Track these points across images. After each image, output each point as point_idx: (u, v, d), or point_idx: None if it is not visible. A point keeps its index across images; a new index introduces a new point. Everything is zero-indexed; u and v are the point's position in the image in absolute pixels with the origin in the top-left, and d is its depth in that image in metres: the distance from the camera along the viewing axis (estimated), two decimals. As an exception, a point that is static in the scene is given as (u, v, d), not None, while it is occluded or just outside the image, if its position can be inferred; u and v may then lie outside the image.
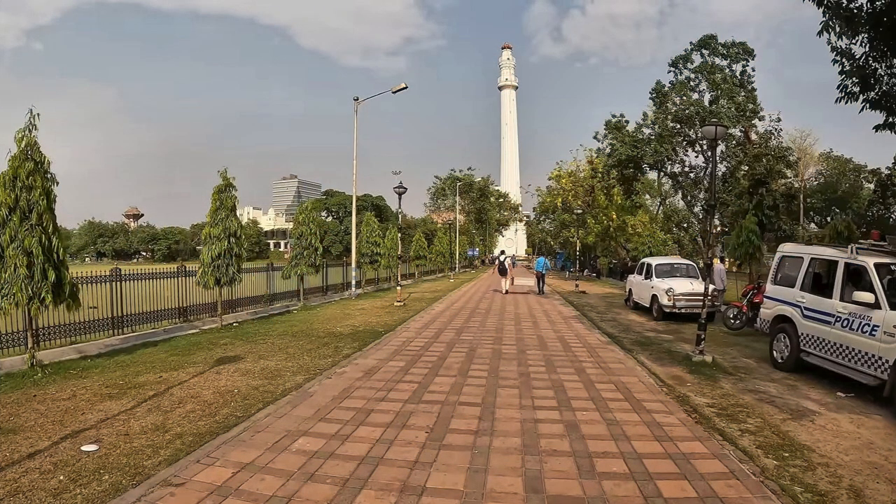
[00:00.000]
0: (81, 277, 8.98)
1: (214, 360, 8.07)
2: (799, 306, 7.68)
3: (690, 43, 23.03)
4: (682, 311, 13.03)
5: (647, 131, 24.19)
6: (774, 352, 8.09)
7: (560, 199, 42.75)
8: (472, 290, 24.23)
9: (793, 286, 7.96)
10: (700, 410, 5.69)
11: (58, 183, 7.28)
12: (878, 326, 6.05)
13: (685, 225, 30.71)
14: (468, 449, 4.53)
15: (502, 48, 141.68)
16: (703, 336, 8.49)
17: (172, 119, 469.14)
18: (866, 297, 6.24)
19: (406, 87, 20.32)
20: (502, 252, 28.99)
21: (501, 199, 74.22)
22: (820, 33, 6.79)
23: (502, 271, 22.58)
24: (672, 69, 23.30)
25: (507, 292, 21.79)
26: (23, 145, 6.97)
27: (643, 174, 27.61)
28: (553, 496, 3.69)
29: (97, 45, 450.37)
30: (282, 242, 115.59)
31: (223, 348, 9.06)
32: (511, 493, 3.72)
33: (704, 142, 20.56)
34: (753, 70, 22.34)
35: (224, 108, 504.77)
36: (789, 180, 32.19)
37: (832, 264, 7.28)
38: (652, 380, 7.15)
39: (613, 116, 26.35)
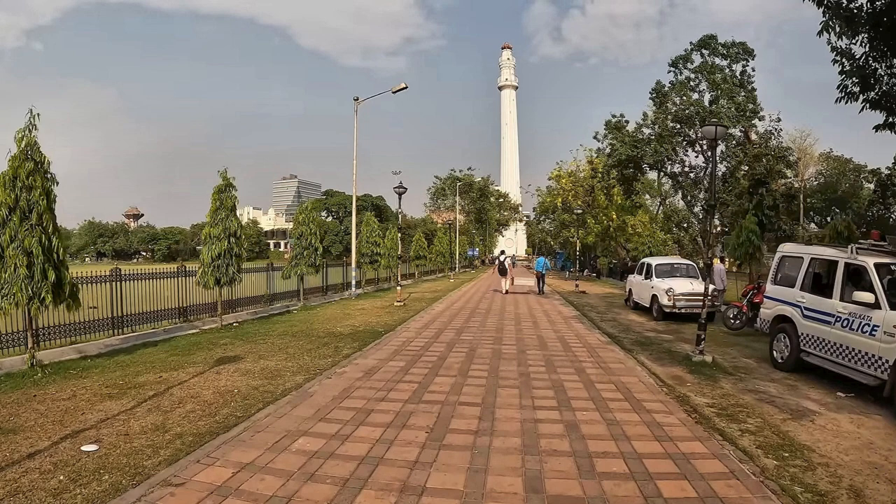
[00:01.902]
0: (81, 277, 8.97)
1: (214, 360, 8.07)
2: (799, 306, 7.68)
3: (690, 43, 22.99)
4: (682, 311, 13.03)
5: (647, 131, 24.14)
6: (774, 352, 8.09)
7: (560, 199, 42.75)
8: (472, 291, 24.23)
9: (793, 286, 7.96)
10: (700, 410, 5.69)
11: (58, 183, 7.29)
12: (878, 326, 6.05)
13: (685, 225, 30.65)
14: (468, 449, 4.53)
15: (502, 48, 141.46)
16: (703, 336, 8.49)
17: (172, 119, 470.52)
18: (866, 297, 6.24)
19: (406, 87, 20.33)
20: (502, 252, 28.99)
21: (501, 199, 74.23)
22: (820, 33, 6.78)
23: (502, 271, 22.58)
24: (672, 69, 23.26)
25: (507, 292, 21.79)
26: (23, 145, 6.97)
27: (643, 174, 27.55)
28: (553, 496, 3.69)
29: (97, 45, 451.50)
30: (282, 242, 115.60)
31: (223, 348, 9.06)
32: (511, 493, 3.72)
33: (704, 142, 20.52)
34: (753, 70, 22.30)
35: (224, 108, 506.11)
36: (789, 180, 32.15)
37: (832, 264, 7.28)
38: (652, 380, 7.15)
39: (613, 116, 26.32)
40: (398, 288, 18.41)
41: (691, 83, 22.87)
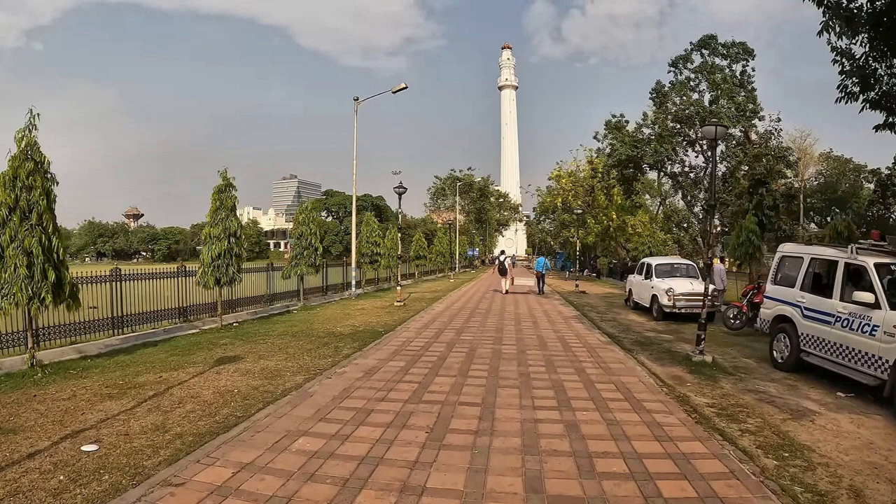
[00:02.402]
0: (81, 277, 8.97)
1: (214, 360, 8.07)
2: (799, 306, 7.68)
3: (690, 43, 22.98)
4: (682, 311, 13.03)
5: (647, 131, 24.13)
6: (774, 352, 8.09)
7: (560, 199, 42.76)
8: (472, 291, 24.23)
9: (793, 286, 7.96)
10: (700, 410, 5.69)
11: (58, 183, 7.29)
12: (878, 326, 6.05)
13: (685, 225, 30.64)
14: (468, 449, 4.53)
15: (502, 48, 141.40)
16: (703, 336, 8.49)
17: (172, 119, 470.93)
18: (866, 297, 6.24)
19: (406, 87, 20.32)
20: (502, 252, 28.99)
21: (501, 199, 74.22)
22: (820, 33, 6.78)
23: (502, 271, 22.59)
24: (672, 69, 23.25)
25: (507, 292, 21.79)
26: (23, 145, 6.97)
27: (643, 174, 27.55)
28: (553, 496, 3.69)
29: (97, 45, 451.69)
30: (282, 242, 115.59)
31: (223, 348, 9.05)
32: (511, 493, 3.72)
33: (704, 142, 20.52)
34: (753, 70, 22.29)
35: (224, 108, 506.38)
36: (789, 180, 32.14)
37: (832, 264, 7.28)
38: (652, 380, 7.15)
39: (613, 116, 26.31)
40: (398, 288, 18.41)
41: (691, 83, 22.86)
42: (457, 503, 3.59)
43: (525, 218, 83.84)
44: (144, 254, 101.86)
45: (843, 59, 7.13)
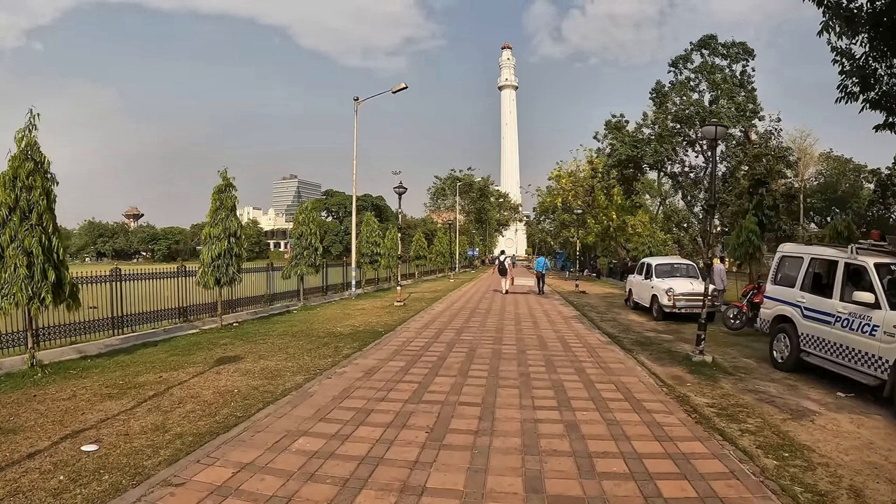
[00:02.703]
0: (81, 277, 8.97)
1: (214, 360, 8.07)
2: (799, 306, 7.68)
3: (690, 43, 22.98)
4: (682, 311, 13.03)
5: (647, 131, 24.13)
6: (774, 352, 8.09)
7: (560, 199, 42.77)
8: (472, 291, 24.23)
9: (793, 286, 7.96)
10: (700, 410, 5.69)
11: (58, 183, 7.29)
12: (878, 326, 6.05)
13: (685, 225, 30.65)
14: (468, 449, 4.53)
15: (502, 48, 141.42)
16: (703, 336, 8.49)
17: (172, 119, 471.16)
18: (866, 297, 6.24)
19: (406, 87, 20.33)
20: (502, 252, 28.99)
21: (501, 199, 74.23)
22: (820, 33, 6.78)
23: (502, 271, 22.59)
24: (672, 69, 23.25)
25: (507, 292, 21.79)
26: (23, 145, 6.97)
27: (643, 174, 27.55)
28: (553, 496, 3.69)
29: (97, 45, 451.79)
30: (282, 242, 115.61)
31: (223, 348, 9.05)
32: (511, 493, 3.72)
33: (704, 142, 20.52)
34: (753, 70, 22.29)
35: (224, 108, 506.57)
36: (789, 180, 32.13)
37: (832, 264, 7.28)
38: (652, 380, 7.15)
39: (613, 116, 26.31)
40: (398, 288, 18.41)
41: (691, 83, 22.86)
42: (457, 503, 3.59)
43: (525, 218, 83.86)
44: (144, 254, 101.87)
45: (843, 59, 7.13)
